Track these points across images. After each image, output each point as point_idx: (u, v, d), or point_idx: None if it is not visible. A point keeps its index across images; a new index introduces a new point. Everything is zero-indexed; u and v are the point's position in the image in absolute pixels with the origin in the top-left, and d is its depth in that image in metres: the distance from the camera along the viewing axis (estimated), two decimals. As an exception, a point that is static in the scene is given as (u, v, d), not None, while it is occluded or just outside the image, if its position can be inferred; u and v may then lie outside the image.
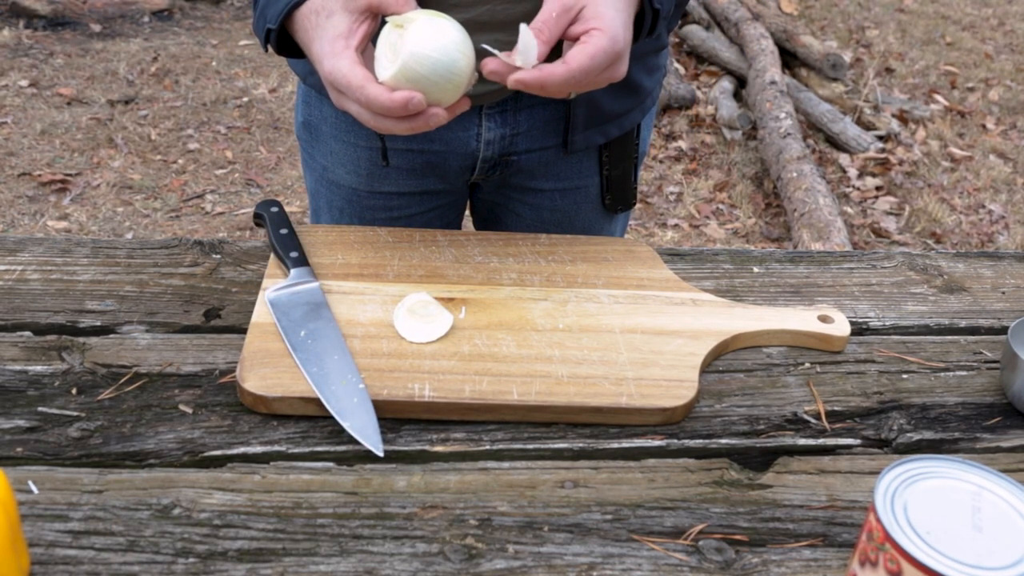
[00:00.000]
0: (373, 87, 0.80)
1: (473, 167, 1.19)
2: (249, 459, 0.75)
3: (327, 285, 0.92)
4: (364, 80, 0.80)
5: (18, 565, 0.61)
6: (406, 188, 1.19)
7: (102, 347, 0.86)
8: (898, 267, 1.08)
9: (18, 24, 4.60)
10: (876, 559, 0.60)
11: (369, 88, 0.80)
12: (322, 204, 1.24)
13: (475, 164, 1.18)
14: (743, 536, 0.71)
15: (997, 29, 5.40)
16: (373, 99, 0.79)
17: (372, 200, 1.20)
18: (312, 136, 1.21)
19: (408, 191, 1.19)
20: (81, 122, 3.74)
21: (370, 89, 0.80)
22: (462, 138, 1.15)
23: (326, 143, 1.18)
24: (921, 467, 0.63)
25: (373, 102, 0.80)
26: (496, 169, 1.19)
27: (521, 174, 1.19)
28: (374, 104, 0.80)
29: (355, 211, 1.21)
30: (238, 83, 4.17)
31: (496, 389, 0.81)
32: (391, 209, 1.21)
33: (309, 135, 1.21)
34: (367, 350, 0.84)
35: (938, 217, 3.46)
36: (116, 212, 3.18)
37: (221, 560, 0.66)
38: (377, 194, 1.19)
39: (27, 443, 0.75)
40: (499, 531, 0.70)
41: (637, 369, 0.85)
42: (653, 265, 1.01)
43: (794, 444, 0.81)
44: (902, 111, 4.20)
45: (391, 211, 1.21)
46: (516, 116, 1.16)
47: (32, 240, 1.01)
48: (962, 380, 0.90)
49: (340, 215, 1.22)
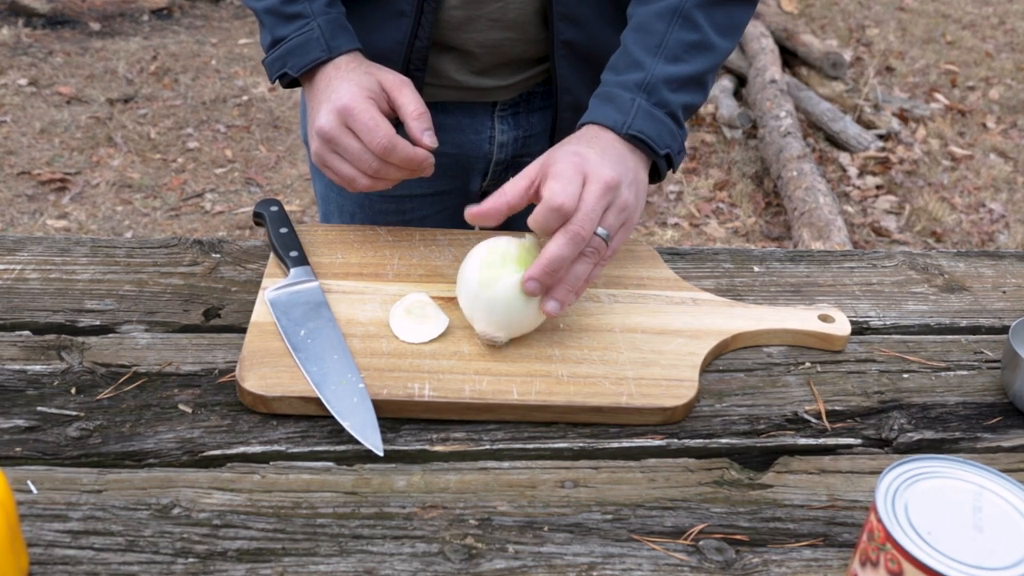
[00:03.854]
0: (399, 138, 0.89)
1: (486, 170, 1.18)
2: (249, 459, 0.75)
3: (327, 284, 0.92)
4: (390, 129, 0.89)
5: (17, 565, 0.61)
6: (418, 191, 1.18)
7: (101, 346, 0.86)
8: (899, 266, 1.08)
9: (17, 23, 4.60)
10: (877, 559, 0.60)
11: (397, 138, 0.89)
12: (332, 208, 1.24)
13: (488, 167, 1.18)
14: (743, 536, 0.71)
15: (998, 28, 5.39)
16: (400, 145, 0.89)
17: (383, 204, 1.19)
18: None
19: (420, 194, 1.19)
20: (80, 121, 3.74)
21: (398, 139, 0.89)
22: (475, 141, 1.15)
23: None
24: (922, 467, 0.63)
25: (398, 146, 0.89)
26: (509, 171, 1.19)
27: None
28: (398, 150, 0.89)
29: (367, 215, 1.20)
30: (237, 82, 4.16)
31: (496, 389, 0.81)
32: (403, 212, 1.20)
33: None
34: (367, 350, 0.84)
35: (938, 216, 3.46)
36: (115, 211, 3.18)
37: (220, 560, 0.66)
38: (389, 197, 1.18)
39: (26, 443, 0.75)
40: (499, 531, 0.70)
41: (637, 368, 0.84)
42: (653, 264, 1.00)
43: (794, 444, 0.81)
44: (902, 110, 4.20)
45: (403, 214, 1.20)
46: (529, 118, 1.16)
47: (31, 239, 1.01)
48: (963, 380, 0.90)
49: (352, 219, 1.22)
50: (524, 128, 1.16)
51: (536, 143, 1.17)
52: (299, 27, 0.96)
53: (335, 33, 0.96)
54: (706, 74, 0.94)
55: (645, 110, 0.90)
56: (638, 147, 0.90)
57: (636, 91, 0.90)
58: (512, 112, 1.15)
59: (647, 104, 0.90)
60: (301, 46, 0.96)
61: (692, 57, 0.92)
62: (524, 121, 1.16)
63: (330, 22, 0.96)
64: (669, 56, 0.91)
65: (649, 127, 0.90)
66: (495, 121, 1.14)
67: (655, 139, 0.90)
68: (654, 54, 0.92)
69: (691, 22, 0.92)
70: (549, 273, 0.81)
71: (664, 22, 0.92)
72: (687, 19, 0.92)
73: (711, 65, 0.94)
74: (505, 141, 1.16)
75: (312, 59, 0.95)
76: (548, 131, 1.16)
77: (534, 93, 1.15)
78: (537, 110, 1.16)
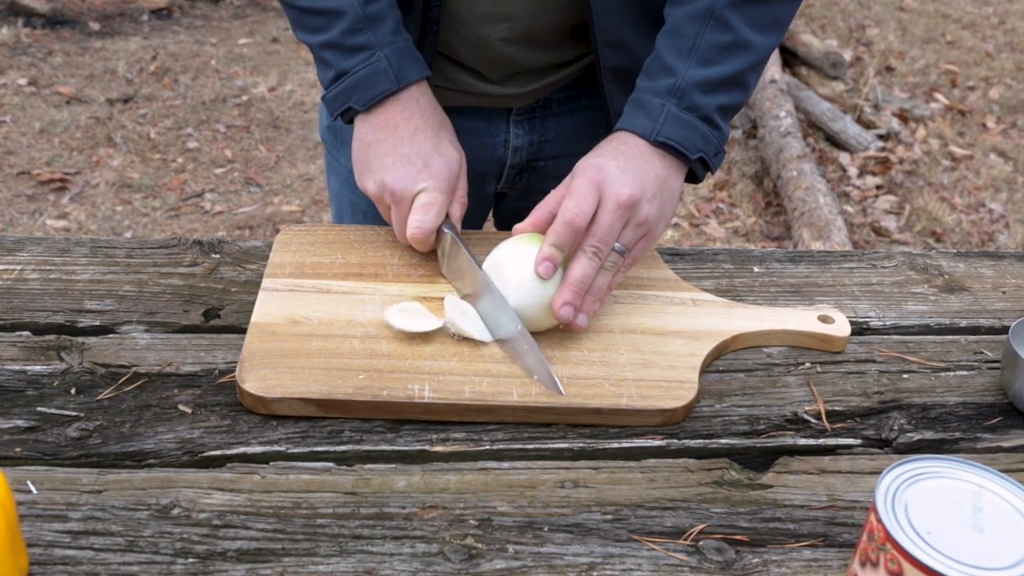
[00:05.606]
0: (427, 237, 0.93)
1: (500, 173, 1.18)
2: (248, 459, 0.75)
3: (327, 284, 0.92)
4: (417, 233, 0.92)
5: (17, 565, 0.61)
6: None
7: (101, 347, 0.86)
8: (898, 266, 1.08)
9: (17, 22, 4.60)
10: (877, 559, 0.60)
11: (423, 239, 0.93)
12: (345, 207, 1.24)
13: (502, 170, 1.18)
14: (743, 536, 0.71)
15: (998, 28, 5.40)
16: (424, 245, 0.94)
17: None
18: (337, 139, 1.20)
19: None
20: (80, 121, 3.74)
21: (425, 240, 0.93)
22: (489, 145, 1.14)
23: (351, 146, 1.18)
24: (922, 467, 0.63)
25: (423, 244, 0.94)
26: (523, 175, 1.19)
27: (548, 179, 1.18)
28: (422, 248, 0.94)
29: (378, 214, 1.20)
30: (237, 82, 4.16)
31: (496, 390, 0.81)
32: None
33: (334, 138, 1.21)
34: (367, 350, 0.84)
35: (938, 216, 3.46)
36: (115, 211, 3.18)
37: (220, 560, 0.66)
38: None
39: (26, 443, 0.75)
40: (499, 531, 0.70)
41: (637, 370, 0.84)
42: (653, 265, 1.00)
43: (794, 444, 0.81)
44: (902, 110, 4.20)
45: None
46: (545, 123, 1.16)
47: (31, 239, 1.01)
48: (963, 380, 0.90)
49: (364, 218, 1.21)
50: (539, 133, 1.16)
51: (551, 147, 1.17)
52: (364, 59, 0.93)
53: (403, 63, 0.94)
54: (744, 73, 0.93)
55: (675, 116, 0.90)
56: (669, 153, 0.90)
57: (666, 97, 0.90)
58: (528, 117, 1.15)
59: (677, 109, 0.90)
60: (368, 79, 0.93)
61: (726, 58, 0.91)
62: (540, 126, 1.16)
63: (397, 51, 0.94)
64: (701, 59, 0.91)
65: (679, 133, 0.90)
66: (510, 126, 1.14)
67: (685, 145, 0.90)
68: (686, 58, 0.91)
69: (724, 23, 0.91)
70: (579, 294, 0.84)
71: (696, 24, 0.91)
72: (719, 20, 0.91)
73: (749, 64, 0.93)
74: (520, 146, 1.16)
75: (380, 92, 0.93)
76: (564, 136, 1.16)
77: (551, 99, 1.15)
78: (553, 115, 1.16)
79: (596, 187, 0.84)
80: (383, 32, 0.94)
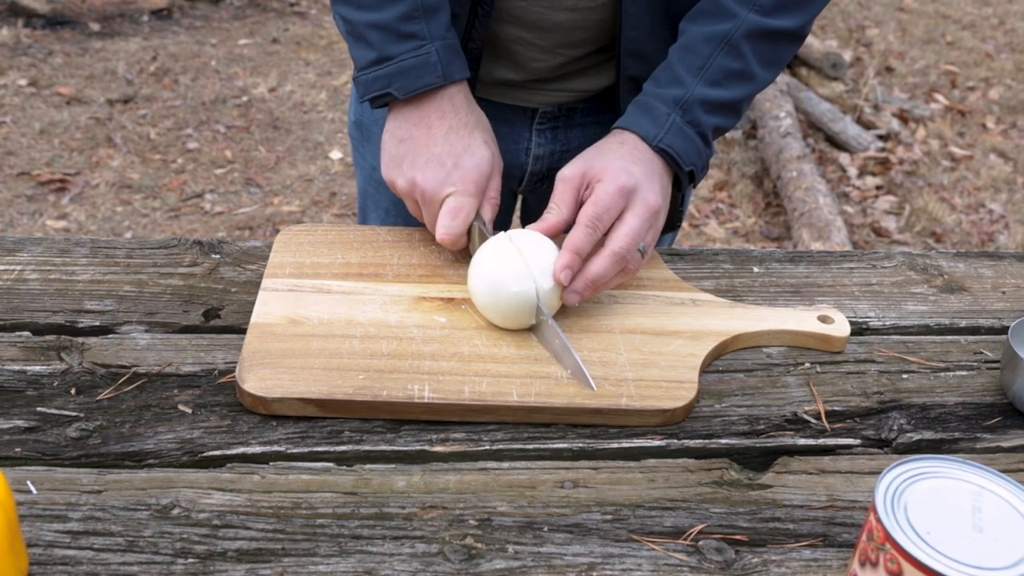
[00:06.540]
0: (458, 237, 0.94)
1: (521, 178, 1.19)
2: (248, 459, 0.75)
3: (327, 284, 0.92)
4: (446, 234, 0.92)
5: (16, 566, 0.61)
6: None
7: (101, 347, 0.86)
8: (898, 267, 1.08)
9: (17, 23, 4.60)
10: (876, 559, 0.60)
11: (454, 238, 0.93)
12: (369, 203, 1.24)
13: (523, 176, 1.18)
14: (743, 536, 0.71)
15: (997, 28, 5.40)
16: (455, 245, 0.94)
17: None
18: (363, 135, 1.20)
19: None
20: (80, 121, 3.74)
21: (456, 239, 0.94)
22: (512, 151, 1.15)
23: (376, 143, 1.17)
24: (921, 467, 0.63)
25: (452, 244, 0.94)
26: (544, 182, 1.19)
27: None
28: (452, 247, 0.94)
29: (400, 212, 1.19)
30: (237, 82, 4.16)
31: (495, 390, 0.81)
32: None
33: (360, 134, 1.21)
34: (367, 350, 0.84)
35: (938, 216, 3.46)
36: (115, 212, 3.18)
37: (220, 560, 0.66)
38: None
39: (26, 443, 0.75)
40: (499, 531, 0.70)
41: (637, 370, 0.84)
42: (653, 265, 1.00)
43: (794, 444, 0.81)
44: (902, 110, 4.20)
45: None
46: (567, 133, 1.16)
47: (31, 240, 1.01)
48: (962, 380, 0.90)
49: (386, 215, 1.22)
50: (562, 143, 1.16)
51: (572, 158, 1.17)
52: (414, 48, 0.93)
53: (451, 59, 0.94)
54: (742, 101, 0.97)
55: (678, 127, 0.93)
56: (666, 161, 0.93)
57: (673, 107, 0.93)
58: (551, 126, 1.15)
59: (680, 121, 0.93)
60: (415, 69, 0.93)
61: (732, 84, 0.95)
62: (563, 136, 1.16)
63: (447, 47, 0.94)
64: (710, 80, 0.94)
65: (679, 143, 0.93)
66: (533, 134, 1.14)
67: (683, 155, 0.93)
68: (696, 75, 0.94)
69: (737, 51, 0.94)
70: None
71: (711, 46, 0.94)
72: (734, 47, 0.94)
73: (748, 94, 0.97)
74: (541, 154, 1.16)
75: (424, 84, 0.93)
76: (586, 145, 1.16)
77: (575, 108, 1.15)
78: (577, 126, 1.16)
79: (624, 194, 0.88)
80: (437, 25, 0.94)
